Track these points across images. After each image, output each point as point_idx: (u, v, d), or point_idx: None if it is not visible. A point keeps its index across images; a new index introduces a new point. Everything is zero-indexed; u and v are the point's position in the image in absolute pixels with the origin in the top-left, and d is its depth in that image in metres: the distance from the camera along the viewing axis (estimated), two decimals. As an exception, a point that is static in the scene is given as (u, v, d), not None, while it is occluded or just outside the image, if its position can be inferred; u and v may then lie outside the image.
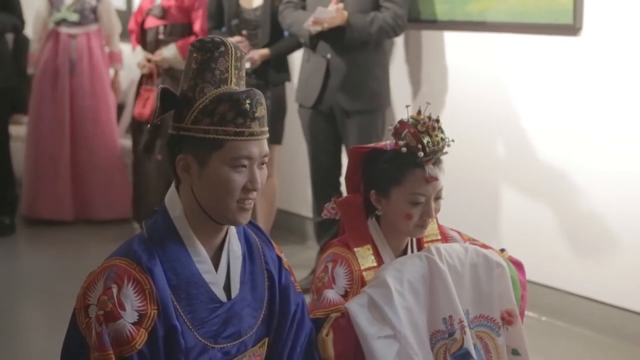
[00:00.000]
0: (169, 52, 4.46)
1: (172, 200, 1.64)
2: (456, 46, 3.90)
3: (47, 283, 4.04)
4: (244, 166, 1.58)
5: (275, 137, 4.10)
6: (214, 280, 1.63)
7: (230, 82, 1.61)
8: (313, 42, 3.81)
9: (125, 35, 4.99)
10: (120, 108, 5.42)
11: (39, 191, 4.96)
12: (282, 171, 4.59)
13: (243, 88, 1.64)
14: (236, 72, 1.62)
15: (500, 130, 3.77)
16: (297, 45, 4.08)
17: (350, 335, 1.80)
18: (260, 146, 1.60)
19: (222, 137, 1.55)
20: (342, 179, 3.97)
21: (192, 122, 1.57)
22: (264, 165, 1.63)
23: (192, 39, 4.42)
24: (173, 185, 1.67)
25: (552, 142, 3.59)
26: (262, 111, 1.59)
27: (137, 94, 4.62)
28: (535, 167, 3.65)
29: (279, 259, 1.79)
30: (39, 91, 4.97)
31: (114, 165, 5.01)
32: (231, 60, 1.61)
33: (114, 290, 1.52)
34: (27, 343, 3.36)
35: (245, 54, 1.77)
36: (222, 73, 1.60)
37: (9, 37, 4.94)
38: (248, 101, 1.57)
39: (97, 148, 5.00)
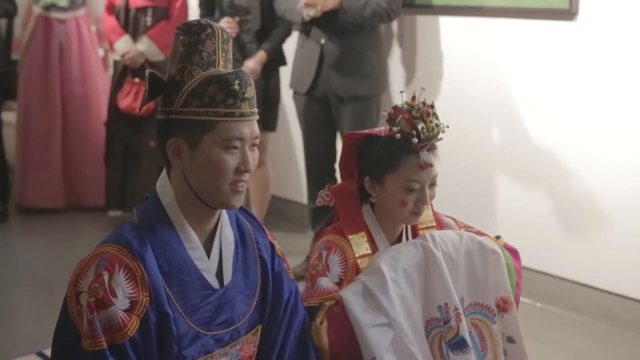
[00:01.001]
0: (143, 45, 4.41)
1: (163, 186, 1.63)
2: (452, 31, 3.88)
3: (40, 271, 4.03)
4: (236, 147, 1.57)
5: (269, 124, 4.08)
6: (206, 267, 1.62)
7: (218, 65, 1.60)
8: (307, 28, 3.78)
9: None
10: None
11: (30, 178, 4.92)
12: (277, 158, 4.57)
13: (231, 70, 1.62)
14: (223, 54, 1.61)
15: (496, 116, 3.75)
16: (289, 32, 4.06)
17: (344, 323, 1.79)
18: (251, 127, 1.59)
19: (213, 119, 1.54)
20: (337, 166, 3.96)
21: (182, 105, 1.56)
22: (255, 147, 1.62)
23: (163, 25, 4.39)
24: (164, 171, 1.65)
25: (547, 128, 3.57)
26: (251, 92, 1.59)
27: (119, 84, 4.55)
28: (530, 153, 3.64)
29: (272, 245, 1.78)
30: (28, 77, 4.90)
31: (100, 152, 4.95)
32: (218, 43, 1.60)
33: (105, 277, 1.51)
34: (20, 330, 3.34)
35: (232, 36, 1.75)
36: (210, 55, 1.59)
37: (1, 22, 4.89)
38: (237, 82, 1.56)
39: (87, 134, 4.96)
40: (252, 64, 3.92)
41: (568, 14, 3.42)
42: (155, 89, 1.60)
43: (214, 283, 1.63)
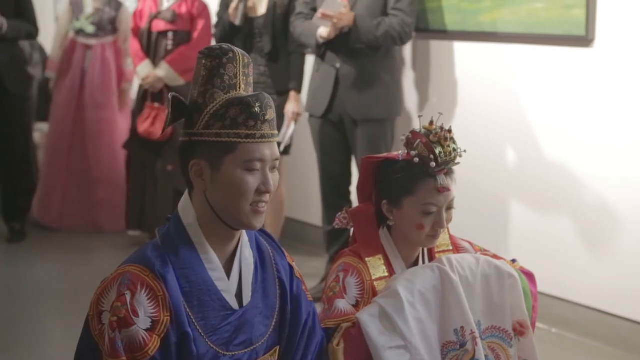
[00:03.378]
0: (162, 71, 4.46)
1: (185, 208, 1.65)
2: (467, 56, 3.90)
3: (58, 289, 4.05)
4: (257, 169, 1.59)
5: (285, 148, 4.11)
6: (226, 288, 1.63)
7: (239, 88, 1.63)
8: (321, 50, 3.82)
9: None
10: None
11: (50, 198, 4.99)
12: (292, 180, 4.59)
13: (251, 93, 1.66)
14: (244, 78, 1.64)
15: (512, 142, 3.76)
16: (303, 59, 4.14)
17: (361, 345, 1.79)
18: (272, 148, 1.62)
19: (235, 140, 1.57)
20: (352, 189, 3.97)
21: (204, 127, 1.59)
22: (276, 169, 1.65)
23: (182, 50, 4.44)
24: (186, 193, 1.67)
25: (563, 153, 3.58)
26: (271, 114, 1.62)
27: (140, 107, 4.60)
28: (546, 177, 3.64)
29: (291, 267, 1.80)
30: (56, 100, 5.03)
31: (116, 177, 4.99)
32: (239, 67, 1.63)
33: (128, 296, 1.53)
34: (37, 349, 3.36)
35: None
36: (231, 79, 1.62)
37: (25, 44, 4.97)
38: (258, 104, 1.59)
39: (107, 158, 5.01)
40: (292, 107, 4.04)
41: (585, 40, 3.43)
42: (178, 112, 1.63)
43: (234, 304, 1.64)
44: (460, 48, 3.92)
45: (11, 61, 4.62)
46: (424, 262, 2.00)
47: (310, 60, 4.10)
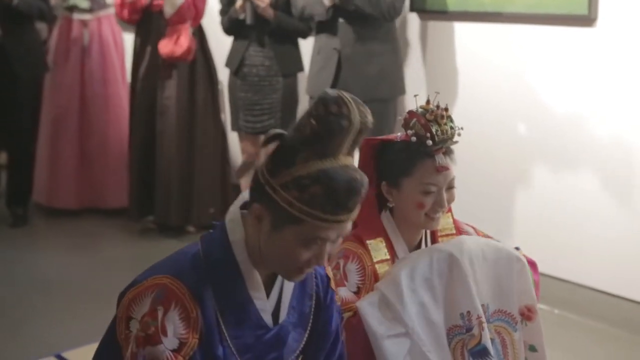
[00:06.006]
0: None
1: (234, 222, 1.56)
2: (470, 37, 3.88)
3: (62, 275, 4.05)
4: (317, 244, 1.49)
5: (286, 129, 4.08)
6: (264, 307, 1.58)
7: (339, 154, 1.46)
8: (329, 12, 3.77)
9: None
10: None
11: (50, 179, 4.94)
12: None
13: (352, 159, 1.50)
14: (351, 144, 1.48)
15: (515, 123, 3.75)
16: (299, 31, 4.09)
17: (361, 334, 1.79)
18: (341, 229, 1.49)
19: (304, 218, 1.45)
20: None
21: (282, 186, 1.45)
22: (339, 240, 1.53)
23: None
24: (236, 206, 1.59)
25: (566, 134, 3.56)
26: (356, 202, 1.47)
27: (139, 58, 4.53)
28: (548, 159, 3.63)
29: (328, 278, 1.74)
30: (52, 79, 4.96)
31: (124, 152, 4.95)
32: (351, 135, 1.46)
33: (160, 312, 1.48)
34: (39, 333, 3.37)
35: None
36: (334, 146, 1.45)
37: (42, 27, 4.92)
38: (345, 192, 1.44)
39: (107, 135, 4.98)
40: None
41: (587, 19, 3.41)
42: (273, 141, 1.50)
43: (269, 322, 1.59)
44: (464, 28, 3.89)
45: (22, 45, 4.57)
46: (426, 246, 1.99)
47: (309, 43, 4.08)
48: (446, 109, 1.87)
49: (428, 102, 1.89)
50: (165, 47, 4.40)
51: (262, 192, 1.49)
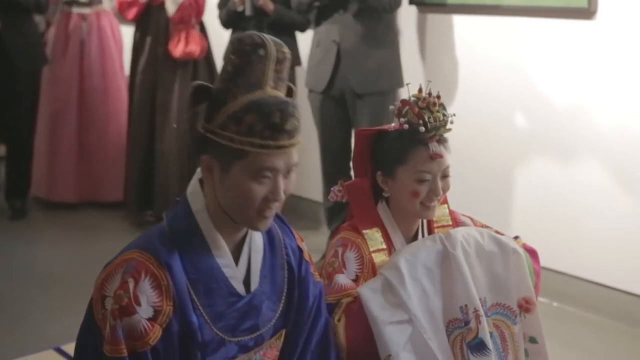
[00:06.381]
0: None
1: (194, 193, 1.60)
2: (468, 30, 3.87)
3: (60, 268, 4.05)
4: (267, 177, 1.52)
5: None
6: (234, 275, 1.60)
7: (266, 86, 1.53)
8: (317, 13, 3.77)
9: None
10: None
11: (49, 172, 4.94)
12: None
13: (281, 92, 1.55)
14: (275, 74, 1.54)
15: (514, 116, 3.74)
16: (298, 24, 4.09)
17: (361, 320, 1.78)
18: (287, 158, 1.53)
19: (247, 149, 1.49)
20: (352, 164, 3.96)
21: (219, 126, 1.51)
22: (291, 173, 1.56)
23: None
24: (195, 177, 1.62)
25: (565, 126, 3.56)
26: (293, 123, 1.52)
27: (138, 53, 4.53)
28: (547, 151, 3.63)
29: (300, 249, 1.76)
30: (51, 72, 4.96)
31: (123, 146, 4.95)
32: (269, 64, 1.53)
33: (131, 284, 1.50)
34: (37, 326, 3.37)
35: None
36: (258, 77, 1.52)
37: (41, 20, 4.90)
38: (278, 113, 1.49)
39: (106, 129, 4.98)
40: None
41: (587, 12, 3.40)
42: (200, 98, 1.56)
43: (241, 290, 1.61)
44: (463, 21, 3.88)
45: (21, 37, 4.56)
46: (423, 237, 1.99)
47: (308, 36, 4.07)
48: (438, 97, 1.89)
49: (420, 90, 1.90)
50: (176, 50, 4.40)
51: (205, 141, 1.54)
